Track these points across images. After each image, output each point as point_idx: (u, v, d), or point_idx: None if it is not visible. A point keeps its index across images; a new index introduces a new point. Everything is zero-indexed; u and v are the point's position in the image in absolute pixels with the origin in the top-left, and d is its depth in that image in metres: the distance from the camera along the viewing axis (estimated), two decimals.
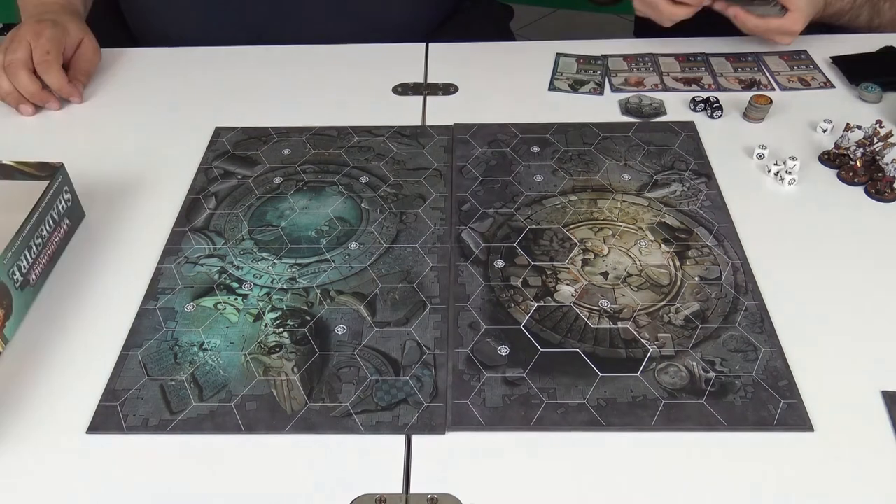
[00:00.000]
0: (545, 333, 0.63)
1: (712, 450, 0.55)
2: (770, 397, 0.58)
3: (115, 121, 0.91)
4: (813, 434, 0.56)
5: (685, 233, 0.73)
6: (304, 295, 0.67)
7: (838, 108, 0.88)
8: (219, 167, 0.83)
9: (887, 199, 0.76)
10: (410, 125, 0.88)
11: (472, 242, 0.72)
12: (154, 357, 0.62)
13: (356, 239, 0.73)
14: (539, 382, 0.60)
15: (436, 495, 0.53)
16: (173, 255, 0.72)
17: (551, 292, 0.67)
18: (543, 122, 0.88)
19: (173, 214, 0.76)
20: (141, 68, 1.01)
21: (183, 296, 0.68)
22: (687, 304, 0.66)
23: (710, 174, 0.79)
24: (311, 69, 0.99)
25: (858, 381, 0.59)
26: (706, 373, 0.60)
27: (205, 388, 0.60)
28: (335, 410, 0.58)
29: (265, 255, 0.72)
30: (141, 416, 0.58)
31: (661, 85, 0.94)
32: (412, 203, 0.77)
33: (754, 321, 0.64)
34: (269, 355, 0.62)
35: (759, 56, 0.98)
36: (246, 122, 0.89)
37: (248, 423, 0.58)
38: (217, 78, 0.98)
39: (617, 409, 0.58)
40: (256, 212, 0.77)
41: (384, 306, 0.66)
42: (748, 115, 0.88)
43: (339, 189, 0.79)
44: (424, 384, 0.60)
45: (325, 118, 0.89)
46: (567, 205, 0.76)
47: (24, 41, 0.89)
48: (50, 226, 0.69)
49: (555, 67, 0.98)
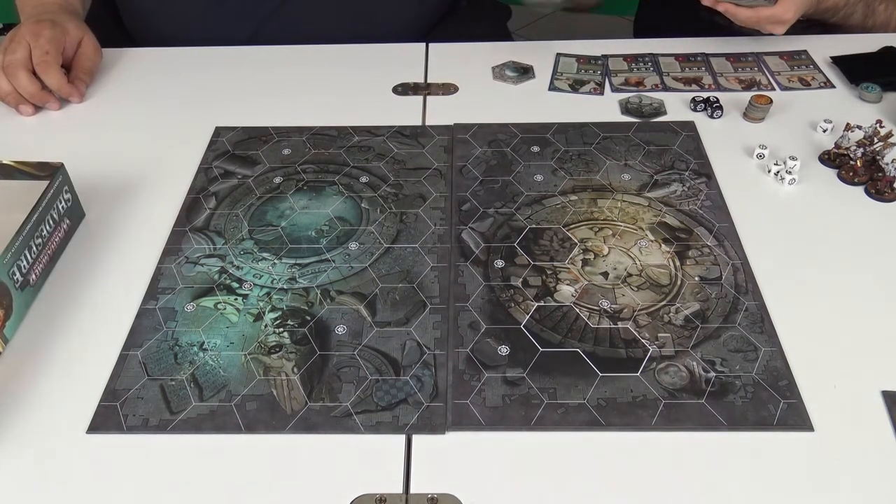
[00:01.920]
0: (545, 333, 0.63)
1: (712, 450, 0.55)
2: (770, 397, 0.58)
3: (115, 121, 0.91)
4: (813, 434, 0.56)
5: (685, 233, 0.73)
6: (305, 295, 0.67)
7: (838, 108, 0.88)
8: (219, 167, 0.83)
9: (887, 199, 0.76)
10: (410, 125, 0.88)
11: (473, 242, 0.72)
12: (154, 357, 0.62)
13: (356, 239, 0.73)
14: (539, 382, 0.60)
15: (436, 495, 0.53)
16: (173, 255, 0.72)
17: (551, 292, 0.67)
18: (543, 122, 0.88)
19: (173, 214, 0.76)
20: (141, 68, 1.01)
21: (183, 296, 0.68)
22: (687, 304, 0.66)
23: (711, 174, 0.80)
24: (311, 69, 0.99)
25: (858, 381, 0.59)
26: (706, 373, 0.60)
27: (205, 388, 0.60)
28: (335, 410, 0.58)
29: (265, 255, 0.72)
30: (141, 416, 0.58)
31: (661, 85, 0.94)
32: (412, 203, 0.77)
33: (754, 321, 0.64)
34: (269, 355, 0.62)
35: (760, 56, 0.98)
36: (246, 122, 0.89)
37: (248, 423, 0.58)
38: (217, 78, 0.98)
39: (617, 409, 0.58)
40: (256, 212, 0.77)
41: (384, 306, 0.66)
42: (748, 115, 0.88)
43: (339, 189, 0.79)
44: (424, 384, 0.60)
45: (325, 118, 0.89)
46: (567, 205, 0.76)
47: (23, 41, 0.89)
48: (50, 226, 0.69)
49: (555, 67, 0.98)
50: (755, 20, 0.90)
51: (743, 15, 0.90)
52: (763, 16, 0.90)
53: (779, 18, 0.90)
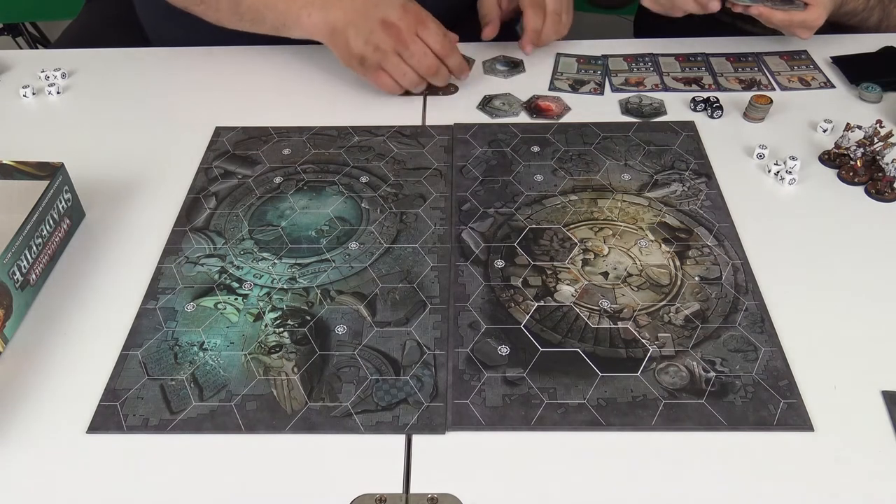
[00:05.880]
0: (545, 333, 0.63)
1: (712, 450, 0.55)
2: (770, 397, 0.58)
3: (116, 121, 0.91)
4: (813, 434, 0.56)
5: (685, 233, 0.73)
6: (305, 295, 0.67)
7: (838, 108, 0.88)
8: (219, 167, 0.83)
9: (887, 199, 0.76)
10: (410, 125, 0.88)
11: (473, 242, 0.72)
12: (154, 357, 0.62)
13: (356, 239, 0.73)
14: (539, 382, 0.60)
15: (436, 495, 0.53)
16: (173, 255, 0.72)
17: (551, 292, 0.67)
18: (543, 122, 0.88)
19: (173, 214, 0.76)
20: (141, 68, 1.01)
21: (183, 296, 0.68)
22: (687, 303, 0.66)
23: (711, 174, 0.79)
24: (312, 69, 0.99)
25: (858, 381, 0.59)
26: (706, 373, 0.60)
27: (205, 388, 0.60)
28: (335, 410, 0.58)
29: (265, 255, 0.71)
30: (141, 416, 0.58)
31: (661, 85, 0.94)
32: (412, 203, 0.77)
33: (754, 321, 0.64)
34: (269, 355, 0.62)
35: (760, 56, 0.98)
36: (246, 122, 0.89)
37: (248, 423, 0.57)
38: (217, 78, 0.98)
39: (617, 409, 0.58)
40: (256, 211, 0.77)
41: (384, 306, 0.66)
42: (748, 115, 0.88)
43: (339, 189, 0.79)
44: (424, 384, 0.60)
45: (325, 118, 0.89)
46: (567, 205, 0.76)
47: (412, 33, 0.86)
48: (50, 225, 0.69)
49: (555, 67, 0.98)
50: (787, 23, 0.91)
51: (776, 18, 0.91)
52: (796, 20, 0.90)
53: (809, 24, 0.91)
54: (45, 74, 0.97)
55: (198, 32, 1.02)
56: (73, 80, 0.98)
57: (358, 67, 0.88)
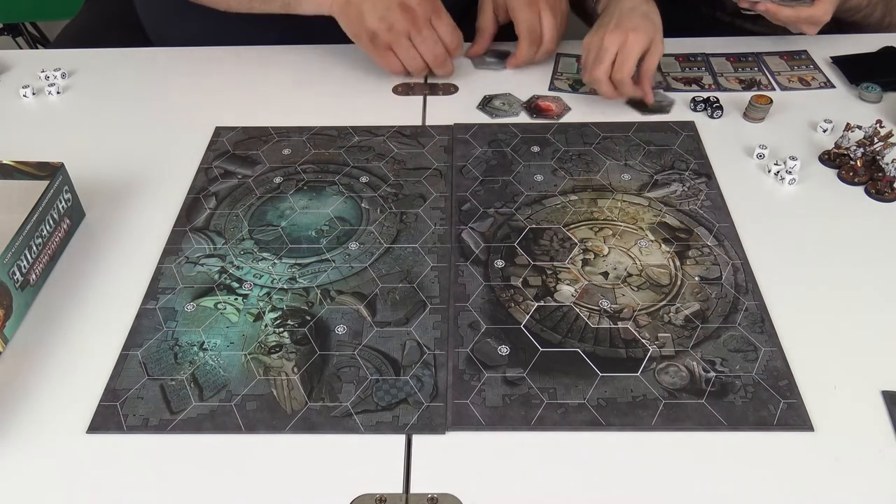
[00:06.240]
0: (545, 333, 0.63)
1: (712, 450, 0.55)
2: (770, 397, 0.58)
3: (116, 121, 0.91)
4: (813, 434, 0.56)
5: (685, 233, 0.73)
6: (305, 295, 0.67)
7: (838, 108, 0.89)
8: (219, 167, 0.83)
9: (887, 199, 0.76)
10: (410, 125, 0.88)
11: (473, 242, 0.72)
12: (154, 357, 0.62)
13: (356, 239, 0.73)
14: (539, 382, 0.60)
15: (436, 495, 0.53)
16: (173, 255, 0.72)
17: (551, 292, 0.67)
18: (543, 122, 0.88)
19: (173, 214, 0.76)
20: (141, 68, 1.01)
21: (183, 296, 0.68)
22: (687, 303, 0.66)
23: (711, 174, 0.79)
24: (311, 69, 0.99)
25: (858, 381, 0.59)
26: (706, 373, 0.60)
27: (205, 388, 0.60)
28: (335, 410, 0.58)
29: (265, 255, 0.71)
30: (141, 416, 0.58)
31: (662, 84, 0.94)
32: (412, 203, 0.77)
33: (754, 321, 0.64)
34: (269, 355, 0.62)
35: (759, 56, 0.98)
36: (246, 122, 0.89)
37: (248, 423, 0.57)
38: (217, 78, 0.98)
39: (617, 409, 0.58)
40: (256, 212, 0.77)
41: (384, 306, 0.66)
42: (748, 115, 0.88)
43: (339, 189, 0.79)
44: (424, 384, 0.60)
45: (325, 118, 0.89)
46: (567, 205, 0.76)
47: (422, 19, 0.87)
48: (50, 225, 0.69)
49: (555, 67, 0.98)
50: (794, 19, 0.91)
51: (783, 14, 0.91)
52: (803, 16, 0.90)
53: (816, 19, 0.91)
54: (44, 74, 0.97)
55: (199, 32, 1.02)
56: (73, 80, 0.98)
57: (367, 43, 0.88)
